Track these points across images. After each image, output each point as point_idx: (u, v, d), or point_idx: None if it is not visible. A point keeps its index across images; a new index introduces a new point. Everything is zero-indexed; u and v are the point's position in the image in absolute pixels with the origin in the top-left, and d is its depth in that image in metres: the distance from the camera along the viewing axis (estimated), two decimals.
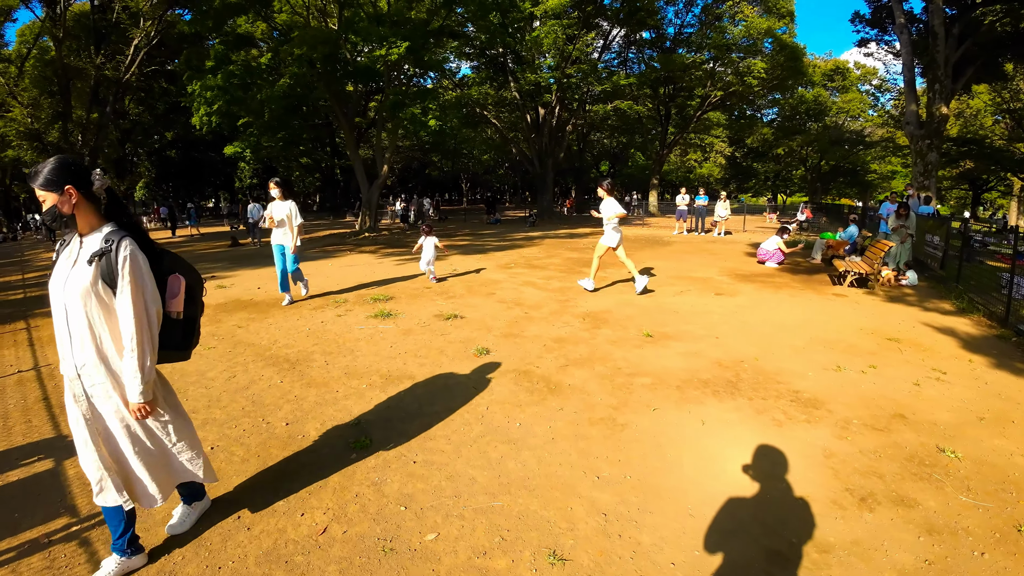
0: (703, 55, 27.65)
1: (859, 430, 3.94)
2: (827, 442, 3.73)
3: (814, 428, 3.94)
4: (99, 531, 3.07)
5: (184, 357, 2.73)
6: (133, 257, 2.28)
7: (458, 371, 5.17)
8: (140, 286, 2.30)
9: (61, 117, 19.38)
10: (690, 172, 55.74)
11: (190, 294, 2.60)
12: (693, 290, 9.06)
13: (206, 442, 4.08)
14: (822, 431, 3.89)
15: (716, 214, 19.19)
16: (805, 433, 3.87)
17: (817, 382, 4.86)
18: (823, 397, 4.51)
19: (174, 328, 2.54)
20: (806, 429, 3.93)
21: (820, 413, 4.21)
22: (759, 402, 4.38)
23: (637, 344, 5.91)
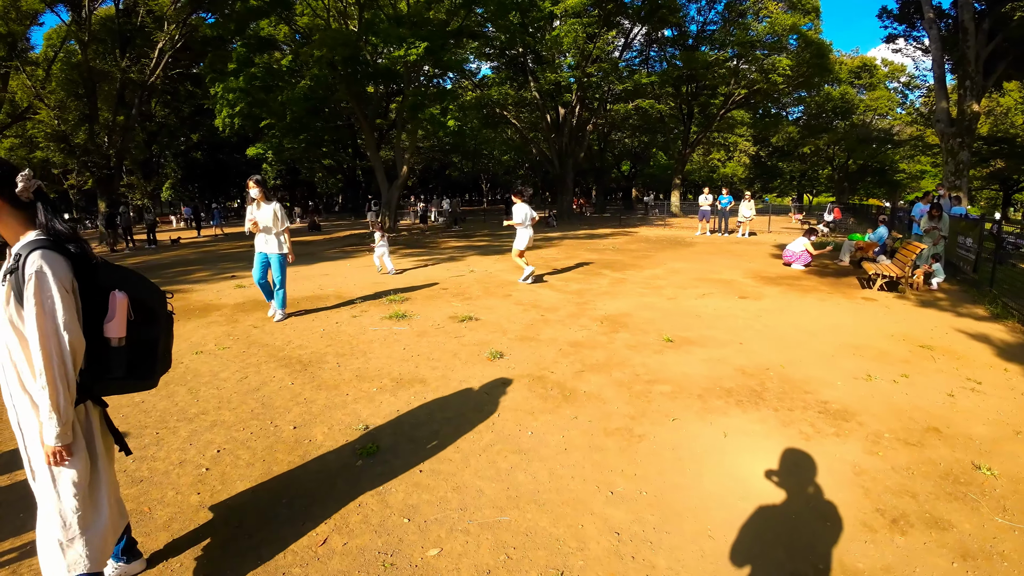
0: (726, 52, 27.13)
1: (891, 445, 3.69)
2: (857, 457, 3.50)
3: (844, 442, 3.71)
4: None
5: (145, 387, 2.32)
6: (41, 274, 1.89)
7: (470, 375, 5.04)
8: (48, 309, 1.89)
9: (87, 119, 19.89)
10: (713, 172, 54.81)
11: (144, 314, 2.18)
12: (716, 293, 8.79)
13: (213, 444, 4.04)
14: (852, 445, 3.66)
15: (740, 214, 18.75)
16: (834, 447, 3.64)
17: (847, 392, 4.61)
18: (853, 408, 4.26)
19: (116, 357, 2.10)
20: (835, 443, 3.70)
21: (850, 426, 3.97)
22: (785, 413, 4.15)
23: (657, 349, 5.71)
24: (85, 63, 18.86)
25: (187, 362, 5.95)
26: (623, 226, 25.01)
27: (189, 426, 4.40)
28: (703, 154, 49.37)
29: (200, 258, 16.18)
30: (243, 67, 16.39)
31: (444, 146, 41.71)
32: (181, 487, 3.53)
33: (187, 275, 12.47)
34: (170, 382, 5.34)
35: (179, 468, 3.77)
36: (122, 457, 3.99)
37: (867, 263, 10.07)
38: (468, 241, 18.73)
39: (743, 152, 49.58)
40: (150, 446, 4.14)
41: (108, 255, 18.20)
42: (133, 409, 4.79)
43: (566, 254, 14.21)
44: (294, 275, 11.55)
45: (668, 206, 33.71)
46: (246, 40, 17.14)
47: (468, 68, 29.78)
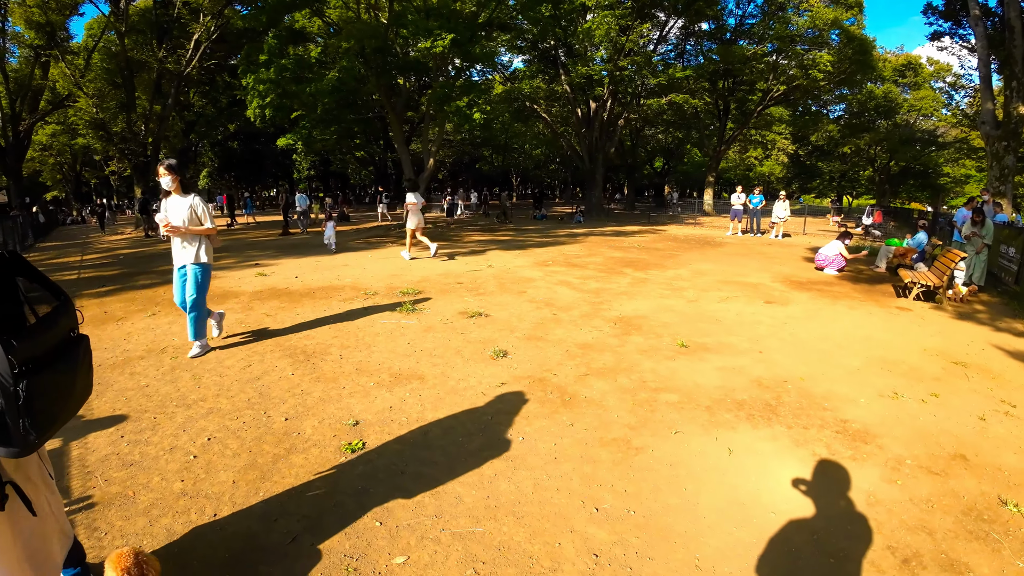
0: (765, 47, 26.19)
1: (912, 472, 3.37)
2: (874, 485, 3.20)
3: (860, 467, 3.41)
4: (79, 525, 3.00)
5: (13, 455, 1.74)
6: None
7: (470, 374, 4.89)
8: None
9: (125, 108, 20.51)
10: (749, 170, 53.23)
11: None
12: (741, 297, 8.41)
13: (205, 432, 4.01)
14: (870, 471, 3.36)
15: (775, 215, 18.06)
16: (849, 473, 3.35)
17: (870, 410, 4.27)
18: (875, 429, 3.93)
19: None
20: (851, 468, 3.40)
21: (869, 449, 3.65)
22: (799, 431, 3.86)
23: (669, 355, 5.44)
24: (123, 53, 19.45)
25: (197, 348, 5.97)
26: (652, 224, 24.47)
27: (186, 412, 4.39)
28: (739, 152, 47.95)
29: (228, 245, 16.49)
30: (274, 58, 16.59)
31: (475, 139, 41.65)
32: (167, 473, 3.50)
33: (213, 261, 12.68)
34: (176, 368, 5.37)
35: (168, 455, 3.75)
36: (116, 440, 4.02)
37: (903, 270, 9.49)
38: (491, 235, 18.58)
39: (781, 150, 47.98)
40: (146, 430, 4.14)
41: (143, 239, 18.76)
42: (137, 393, 4.81)
43: (589, 251, 13.92)
44: (315, 265, 11.64)
45: (700, 204, 32.87)
46: (278, 32, 17.34)
47: (499, 61, 29.60)
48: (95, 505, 3.12)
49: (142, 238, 19.30)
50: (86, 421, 4.40)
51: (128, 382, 5.07)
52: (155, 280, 10.29)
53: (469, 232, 19.83)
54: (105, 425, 4.30)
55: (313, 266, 11.60)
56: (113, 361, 5.66)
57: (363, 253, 13.80)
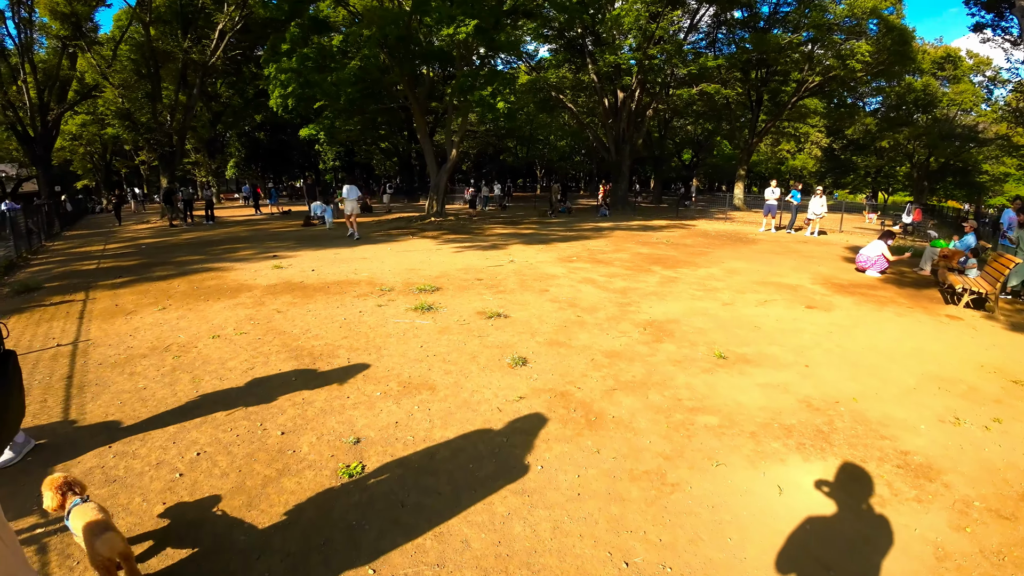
0: (800, 36, 24.96)
1: (982, 517, 2.85)
2: (941, 534, 2.70)
3: (926, 511, 2.89)
4: (60, 538, 2.76)
5: None
6: None
7: (485, 384, 4.47)
8: None
9: (150, 98, 20.58)
10: (781, 163, 51.46)
11: None
12: (779, 300, 7.80)
13: (196, 445, 3.69)
14: (936, 517, 2.85)
15: (810, 211, 17.15)
16: (914, 518, 2.84)
17: (931, 440, 3.72)
18: (939, 463, 3.40)
19: None
20: (915, 512, 2.89)
21: (934, 488, 3.13)
22: (857, 466, 3.34)
23: (706, 367, 4.92)
24: (148, 44, 19.47)
25: (201, 347, 5.70)
26: (680, 218, 23.65)
27: (179, 421, 4.09)
28: (771, 144, 46.31)
29: (250, 235, 16.39)
30: (296, 48, 16.33)
31: (499, 131, 41.09)
32: (149, 494, 3.20)
33: (232, 252, 12.52)
34: (177, 368, 5.09)
35: (154, 470, 3.45)
36: (103, 451, 3.74)
37: (953, 275, 8.72)
38: (514, 228, 18.10)
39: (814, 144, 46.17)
40: (135, 441, 3.85)
41: (166, 229, 18.83)
42: (132, 396, 4.54)
43: (615, 246, 13.34)
44: (333, 258, 11.37)
45: (730, 198, 31.77)
46: (300, 21, 17.07)
47: (524, 51, 28.94)
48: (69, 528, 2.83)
49: (166, 228, 19.38)
50: (77, 428, 4.13)
51: (126, 383, 4.81)
52: (171, 272, 10.13)
53: (491, 225, 19.38)
54: (95, 433, 4.02)
55: (331, 259, 11.33)
56: (115, 359, 5.41)
57: (383, 246, 13.49)
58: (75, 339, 6.14)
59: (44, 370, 5.23)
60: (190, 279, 9.33)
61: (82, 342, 6.03)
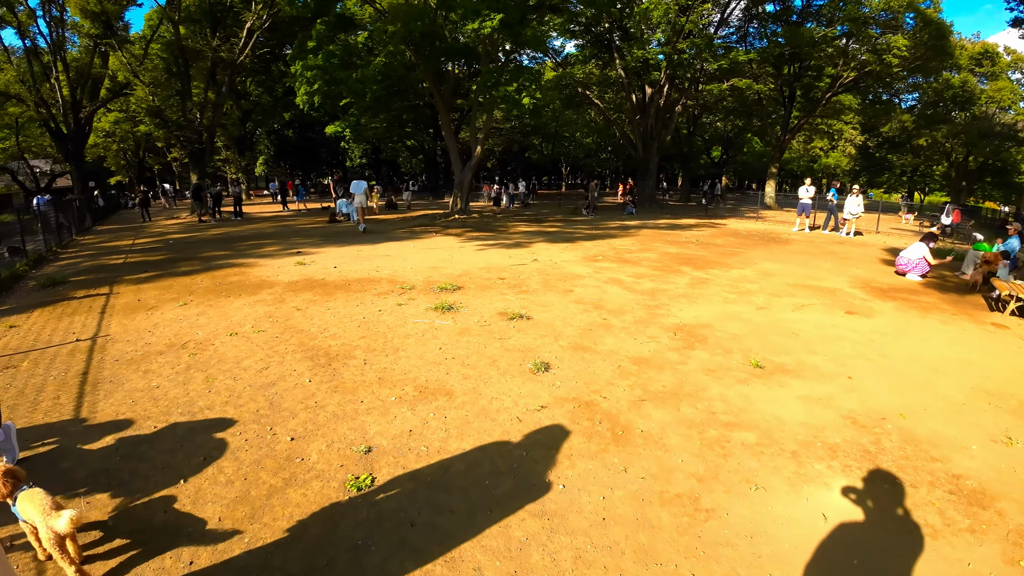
0: (835, 29, 24.01)
1: None
2: (995, 570, 2.40)
3: (979, 543, 2.58)
4: None
5: None
6: None
7: (505, 391, 4.24)
8: None
9: (180, 96, 20.90)
10: (814, 161, 49.84)
11: None
12: (817, 305, 7.37)
13: (203, 449, 3.56)
14: (989, 550, 2.54)
15: (846, 211, 16.44)
16: (968, 551, 2.53)
17: (984, 462, 3.36)
18: (993, 488, 3.06)
19: None
20: (969, 544, 2.57)
21: (988, 516, 2.80)
22: (907, 491, 3.01)
23: (742, 377, 4.59)
24: (177, 42, 19.76)
25: (218, 344, 5.61)
26: (710, 217, 23.02)
27: (189, 422, 3.97)
28: (804, 142, 44.88)
29: (277, 231, 16.49)
30: (322, 45, 16.33)
31: (525, 128, 40.79)
32: (152, 501, 3.10)
33: (258, 248, 12.57)
34: (192, 367, 5.00)
35: (160, 475, 3.34)
36: (110, 452, 3.64)
37: (999, 281, 8.13)
38: (538, 226, 17.82)
39: (848, 141, 44.56)
40: (143, 443, 3.75)
41: (195, 225, 19.12)
42: (145, 396, 4.45)
43: (642, 245, 12.95)
44: (356, 255, 11.29)
45: (762, 197, 30.85)
46: (326, 19, 17.07)
47: (551, 46, 28.55)
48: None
49: (195, 223, 19.69)
50: (87, 427, 4.06)
51: (140, 381, 4.73)
52: (196, 267, 10.18)
53: (516, 223, 19.14)
54: (106, 432, 3.94)
55: (354, 255, 11.25)
56: (132, 356, 5.36)
57: (406, 243, 13.37)
58: (94, 334, 6.13)
59: (61, 366, 5.20)
60: (213, 275, 9.35)
61: (101, 337, 6.02)
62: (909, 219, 24.28)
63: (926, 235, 10.37)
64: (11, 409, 4.32)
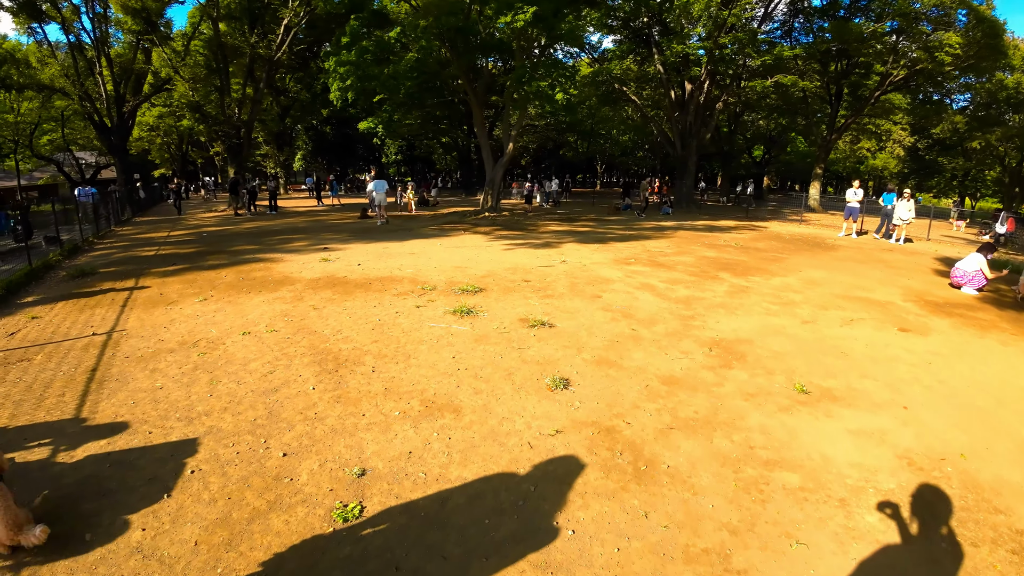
0: (884, 25, 22.63)
1: None
2: None
3: None
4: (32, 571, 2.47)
5: None
6: None
7: (518, 410, 3.88)
8: None
9: (219, 91, 21.27)
10: (860, 163, 47.50)
11: None
12: (868, 319, 6.74)
13: (194, 461, 3.36)
14: None
15: (897, 216, 15.41)
16: None
17: None
18: None
19: None
20: None
21: None
22: (969, 553, 2.53)
23: (784, 404, 4.11)
24: (216, 39, 20.10)
25: (229, 343, 5.45)
26: (750, 219, 22.06)
27: (185, 429, 3.79)
28: (850, 142, 42.76)
29: (308, 226, 16.56)
30: (356, 41, 16.27)
31: (560, 125, 40.24)
32: (133, 516, 2.90)
33: (286, 243, 12.57)
34: (199, 367, 4.84)
35: (146, 486, 3.17)
36: (102, 458, 3.48)
37: None
38: (570, 226, 17.34)
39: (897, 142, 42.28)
40: (136, 451, 3.58)
41: (231, 218, 19.41)
42: (147, 397, 4.30)
43: (678, 248, 12.35)
44: (381, 252, 11.13)
45: (805, 199, 29.50)
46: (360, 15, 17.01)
47: (588, 41, 27.93)
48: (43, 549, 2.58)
49: (231, 216, 20.01)
50: (85, 427, 3.92)
51: (145, 381, 4.59)
52: (223, 261, 10.18)
53: (546, 221, 18.72)
54: (102, 435, 3.79)
55: (379, 253, 11.08)
56: (142, 353, 5.25)
57: (433, 240, 13.15)
58: (111, 328, 6.07)
59: (72, 360, 5.13)
60: (239, 269, 9.31)
61: (117, 332, 5.95)
62: (960, 226, 22.75)
63: (984, 246, 9.46)
64: (16, 404, 4.25)
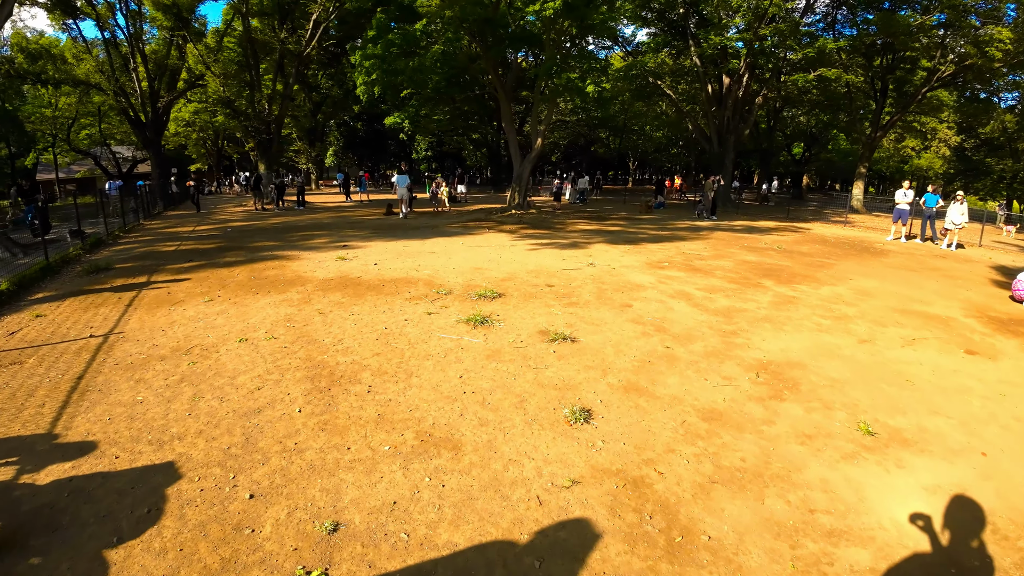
0: (932, 17, 21.09)
1: None
2: None
3: None
4: None
5: None
6: None
7: (527, 451, 3.31)
8: None
9: (249, 87, 21.27)
10: (904, 162, 45.04)
11: None
12: (931, 339, 5.90)
13: (152, 496, 2.96)
14: None
15: (948, 220, 14.18)
16: None
17: None
18: None
19: None
20: None
21: None
22: None
23: (848, 450, 3.40)
24: (246, 35, 20.06)
25: (222, 352, 5.06)
26: (791, 219, 20.87)
27: (153, 455, 3.38)
28: (894, 140, 40.48)
29: (332, 222, 16.30)
30: (382, 34, 15.89)
31: (591, 121, 39.28)
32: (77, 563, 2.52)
33: (307, 239, 12.28)
34: (185, 379, 4.44)
35: (98, 524, 2.81)
36: (63, 485, 3.10)
37: None
38: (599, 224, 16.60)
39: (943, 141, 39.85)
40: (97, 478, 3.21)
41: (256, 213, 19.36)
42: (124, 413, 3.92)
43: (715, 251, 11.51)
44: (401, 251, 10.70)
45: (849, 199, 27.94)
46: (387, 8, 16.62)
47: (621, 35, 27.00)
48: None
49: (259, 212, 19.98)
50: (55, 445, 3.58)
51: (126, 393, 4.22)
52: (240, 258, 9.92)
53: (575, 220, 18.01)
54: (69, 455, 3.45)
55: (398, 251, 10.65)
56: (133, 360, 4.90)
57: (455, 239, 12.65)
58: (110, 330, 5.77)
59: (62, 366, 4.82)
60: (253, 267, 9.00)
61: (114, 335, 5.64)
62: (1011, 231, 21.09)
63: None
64: None
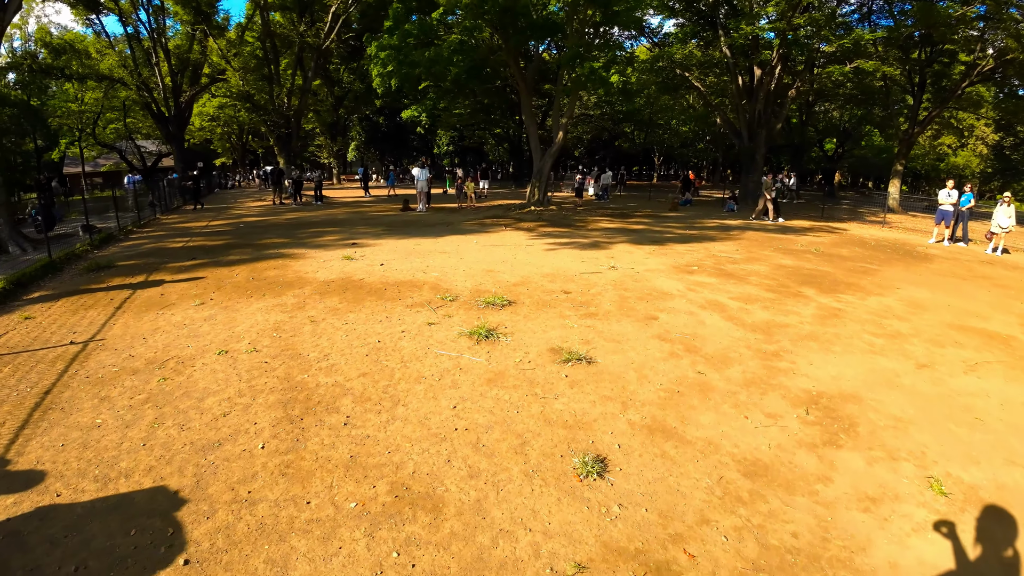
0: (973, 8, 19.63)
1: None
2: None
3: None
4: None
5: None
6: None
7: (524, 517, 2.70)
8: None
9: (268, 81, 21.06)
10: (940, 160, 42.89)
11: None
12: (994, 363, 5.08)
13: (85, 549, 2.49)
14: None
15: (995, 223, 13.04)
16: None
17: None
18: None
19: None
20: None
21: None
22: None
23: (920, 517, 2.71)
24: (265, 28, 19.84)
25: (198, 366, 4.59)
26: (826, 219, 19.72)
27: (95, 493, 2.98)
28: (930, 137, 38.46)
29: (346, 218, 15.90)
30: (399, 24, 15.38)
31: (616, 115, 38.26)
32: None
33: (317, 236, 11.89)
34: (151, 399, 3.99)
35: None
36: None
37: None
38: (622, 222, 15.81)
39: (980, 139, 37.65)
40: (34, 518, 2.78)
41: (272, 208, 19.13)
42: (79, 438, 3.51)
43: (748, 253, 10.65)
44: (411, 250, 10.19)
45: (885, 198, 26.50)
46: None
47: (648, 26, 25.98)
48: None
49: (276, 206, 19.76)
50: (3, 473, 3.16)
51: (87, 414, 3.81)
52: (244, 256, 9.55)
53: (597, 217, 17.25)
54: (13, 487, 3.07)
55: (408, 250, 10.13)
56: (105, 373, 4.49)
57: (470, 237, 12.07)
58: (91, 337, 5.40)
59: (34, 377, 4.46)
60: (254, 267, 8.61)
61: (94, 342, 5.25)
62: None
63: None
64: None
